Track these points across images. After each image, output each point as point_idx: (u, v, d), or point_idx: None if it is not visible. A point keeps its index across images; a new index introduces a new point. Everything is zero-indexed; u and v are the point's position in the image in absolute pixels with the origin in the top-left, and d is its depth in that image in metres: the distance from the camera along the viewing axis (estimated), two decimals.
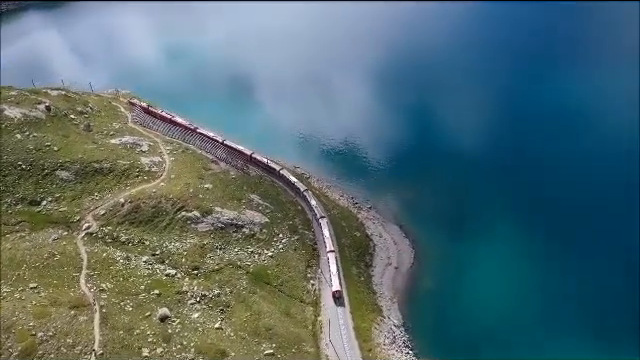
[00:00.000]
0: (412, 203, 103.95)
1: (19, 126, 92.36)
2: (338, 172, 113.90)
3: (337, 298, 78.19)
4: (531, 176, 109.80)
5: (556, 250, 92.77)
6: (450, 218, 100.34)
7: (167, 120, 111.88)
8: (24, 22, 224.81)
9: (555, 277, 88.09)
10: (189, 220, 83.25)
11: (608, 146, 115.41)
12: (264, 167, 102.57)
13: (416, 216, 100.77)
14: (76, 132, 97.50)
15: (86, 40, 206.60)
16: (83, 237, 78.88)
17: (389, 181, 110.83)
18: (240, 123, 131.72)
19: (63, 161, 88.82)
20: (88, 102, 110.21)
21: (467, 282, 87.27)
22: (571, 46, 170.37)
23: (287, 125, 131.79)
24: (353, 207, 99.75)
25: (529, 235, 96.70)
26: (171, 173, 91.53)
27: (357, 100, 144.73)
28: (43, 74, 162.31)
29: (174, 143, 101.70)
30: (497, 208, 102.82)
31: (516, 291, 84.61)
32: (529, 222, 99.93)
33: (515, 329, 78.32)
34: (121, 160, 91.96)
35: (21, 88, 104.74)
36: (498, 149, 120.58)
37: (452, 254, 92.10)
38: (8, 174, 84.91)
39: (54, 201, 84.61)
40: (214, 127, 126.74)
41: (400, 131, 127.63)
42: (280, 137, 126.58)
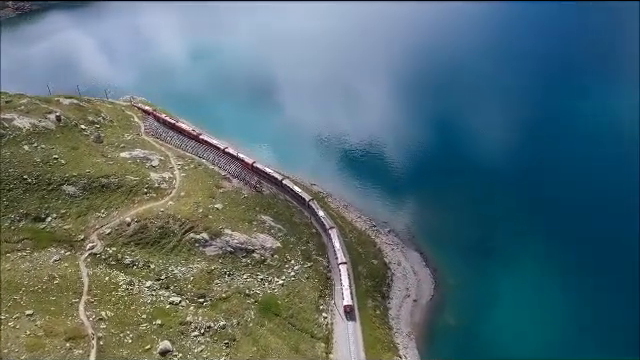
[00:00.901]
0: (434, 226, 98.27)
1: (27, 137, 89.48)
2: (356, 190, 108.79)
3: (348, 312, 75.44)
4: (565, 200, 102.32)
5: (591, 282, 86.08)
6: (475, 244, 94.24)
7: (178, 129, 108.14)
8: (47, 22, 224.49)
9: (590, 312, 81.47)
10: (197, 243, 79.06)
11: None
12: (265, 176, 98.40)
13: (438, 241, 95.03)
14: (86, 144, 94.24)
15: (108, 41, 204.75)
16: (86, 258, 75.35)
17: (410, 201, 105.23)
18: (258, 132, 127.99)
19: (70, 175, 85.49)
20: (101, 111, 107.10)
21: (492, 318, 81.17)
22: (609, 53, 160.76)
23: (307, 135, 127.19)
24: (371, 230, 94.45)
25: (562, 266, 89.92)
26: (181, 190, 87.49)
27: (379, 108, 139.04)
28: (62, 76, 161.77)
29: (186, 157, 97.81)
30: (526, 233, 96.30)
31: (547, 329, 78.08)
32: (562, 250, 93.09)
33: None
34: (130, 175, 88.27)
35: (32, 96, 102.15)
36: (528, 168, 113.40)
37: (476, 285, 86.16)
38: (13, 188, 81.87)
39: (59, 218, 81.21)
40: (229, 135, 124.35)
41: (423, 145, 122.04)
42: (299, 149, 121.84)
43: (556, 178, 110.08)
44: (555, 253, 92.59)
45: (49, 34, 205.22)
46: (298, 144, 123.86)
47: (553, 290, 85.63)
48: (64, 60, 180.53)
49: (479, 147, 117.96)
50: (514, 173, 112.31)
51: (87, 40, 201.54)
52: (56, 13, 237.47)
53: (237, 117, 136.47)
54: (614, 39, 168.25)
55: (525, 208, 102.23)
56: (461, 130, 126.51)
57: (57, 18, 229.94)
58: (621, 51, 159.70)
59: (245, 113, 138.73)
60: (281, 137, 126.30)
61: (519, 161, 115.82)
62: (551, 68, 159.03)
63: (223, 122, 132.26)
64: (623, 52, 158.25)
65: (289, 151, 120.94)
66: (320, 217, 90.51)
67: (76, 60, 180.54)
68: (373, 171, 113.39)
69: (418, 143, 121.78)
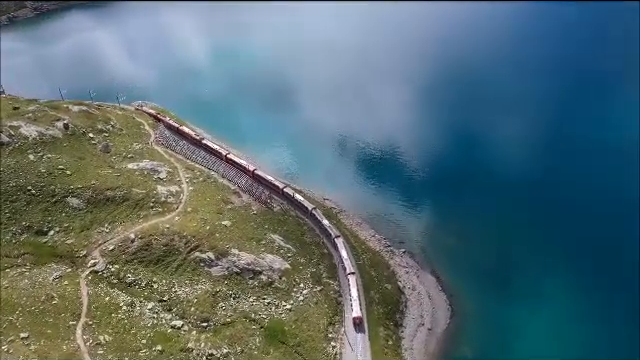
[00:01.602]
0: (451, 248, 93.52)
1: (34, 146, 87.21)
2: (371, 206, 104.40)
3: (357, 325, 73.22)
4: (594, 223, 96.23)
5: (616, 310, 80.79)
6: (494, 268, 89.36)
7: (189, 138, 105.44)
8: (64, 23, 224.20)
9: (612, 340, 76.28)
10: (202, 262, 75.66)
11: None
12: (267, 184, 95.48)
13: (455, 264, 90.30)
14: (92, 154, 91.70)
15: (124, 42, 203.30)
16: (87, 275, 72.39)
17: (427, 220, 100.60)
18: (272, 141, 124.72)
19: (75, 187, 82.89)
20: (110, 119, 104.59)
21: (511, 349, 76.37)
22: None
23: (321, 146, 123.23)
24: (385, 251, 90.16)
25: (585, 292, 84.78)
26: (188, 205, 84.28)
27: (396, 118, 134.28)
28: (76, 78, 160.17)
29: (195, 169, 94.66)
30: (548, 257, 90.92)
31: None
32: (585, 275, 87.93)
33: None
34: (136, 188, 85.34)
35: (41, 102, 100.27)
36: (555, 188, 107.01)
37: (495, 313, 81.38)
38: (17, 199, 79.57)
39: (62, 231, 78.61)
40: (242, 143, 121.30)
41: (441, 160, 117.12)
42: (313, 160, 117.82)
43: (579, 196, 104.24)
44: (578, 278, 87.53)
45: (66, 35, 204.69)
46: (312, 155, 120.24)
47: (575, 319, 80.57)
48: (79, 61, 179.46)
49: (498, 162, 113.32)
50: (535, 191, 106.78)
51: (103, 41, 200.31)
52: (74, 13, 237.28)
53: (252, 124, 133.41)
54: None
55: (547, 229, 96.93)
56: (480, 144, 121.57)
57: (75, 18, 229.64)
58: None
59: (260, 120, 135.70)
60: (295, 147, 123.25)
61: (541, 178, 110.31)
62: (576, 73, 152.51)
63: (237, 129, 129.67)
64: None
65: (303, 162, 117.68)
66: (325, 226, 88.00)
67: (91, 62, 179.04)
68: (389, 187, 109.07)
69: (436, 158, 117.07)
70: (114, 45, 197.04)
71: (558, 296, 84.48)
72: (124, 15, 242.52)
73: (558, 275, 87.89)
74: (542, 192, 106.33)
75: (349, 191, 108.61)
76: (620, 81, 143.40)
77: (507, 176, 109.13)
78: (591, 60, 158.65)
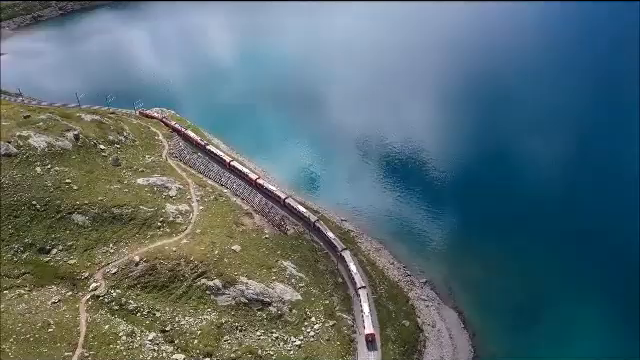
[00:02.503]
0: (476, 280, 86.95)
1: (42, 157, 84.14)
2: (391, 227, 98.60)
3: (370, 342, 69.84)
4: (633, 255, 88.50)
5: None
6: (522, 304, 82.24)
7: (201, 147, 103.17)
8: (89, 23, 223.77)
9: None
10: (209, 290, 71.25)
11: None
12: (267, 194, 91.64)
13: (480, 298, 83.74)
14: (102, 167, 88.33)
15: (148, 44, 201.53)
16: (87, 300, 68.70)
17: (451, 246, 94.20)
18: (291, 156, 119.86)
19: (81, 203, 79.45)
20: (124, 129, 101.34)
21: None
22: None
23: (341, 163, 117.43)
24: (404, 281, 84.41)
25: (626, 335, 77.50)
26: (197, 227, 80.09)
27: (425, 130, 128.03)
28: (95, 81, 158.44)
29: (207, 187, 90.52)
30: (586, 294, 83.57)
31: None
32: (625, 315, 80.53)
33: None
34: (144, 206, 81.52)
35: (55, 108, 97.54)
36: (591, 215, 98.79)
37: (522, 356, 74.89)
38: (20, 214, 76.50)
39: (65, 250, 75.27)
40: (258, 156, 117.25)
41: (472, 180, 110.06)
42: (332, 178, 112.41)
43: (617, 224, 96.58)
44: (614, 316, 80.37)
45: (88, 35, 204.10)
46: (332, 169, 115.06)
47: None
48: (100, 63, 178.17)
49: (530, 184, 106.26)
50: (570, 217, 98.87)
51: (126, 43, 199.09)
52: (99, 13, 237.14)
53: (271, 133, 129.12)
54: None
55: (581, 260, 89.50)
56: (511, 162, 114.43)
57: (99, 19, 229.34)
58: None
59: (280, 129, 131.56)
60: (315, 160, 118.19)
61: (576, 203, 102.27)
62: (620, 84, 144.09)
63: (255, 139, 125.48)
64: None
65: (322, 177, 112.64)
66: (330, 239, 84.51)
67: (113, 64, 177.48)
68: (411, 207, 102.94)
69: (463, 177, 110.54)
70: (136, 47, 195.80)
71: (593, 337, 77.72)
72: (149, 15, 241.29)
73: (592, 313, 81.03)
74: (577, 219, 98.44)
75: (369, 210, 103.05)
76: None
77: (539, 200, 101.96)
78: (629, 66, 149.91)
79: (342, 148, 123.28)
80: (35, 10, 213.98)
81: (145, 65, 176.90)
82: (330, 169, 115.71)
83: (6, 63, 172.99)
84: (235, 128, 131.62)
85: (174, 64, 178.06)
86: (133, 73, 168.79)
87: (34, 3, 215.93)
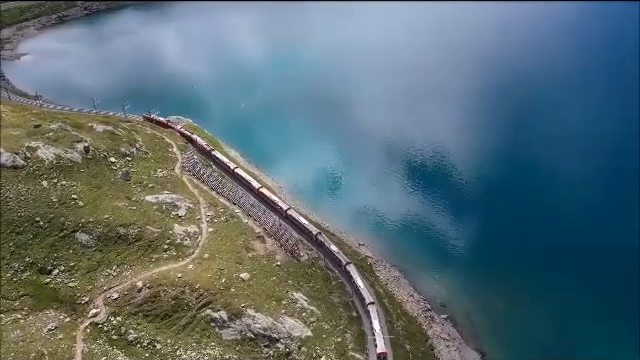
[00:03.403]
0: (502, 318, 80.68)
1: (49, 170, 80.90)
2: (412, 254, 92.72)
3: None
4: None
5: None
6: (552, 350, 75.73)
7: (213, 158, 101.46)
8: (113, 24, 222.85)
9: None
10: (213, 322, 66.83)
11: None
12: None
13: (505, 340, 77.58)
14: (111, 181, 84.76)
15: (172, 47, 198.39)
16: (86, 328, 65.01)
17: (475, 278, 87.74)
18: (311, 167, 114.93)
19: (86, 221, 75.90)
20: (136, 140, 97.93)
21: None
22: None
23: (362, 181, 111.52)
24: (423, 316, 78.75)
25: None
26: (205, 251, 75.82)
27: (452, 145, 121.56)
28: (117, 84, 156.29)
29: (218, 206, 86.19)
30: (624, 343, 76.49)
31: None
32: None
33: None
34: (151, 226, 77.60)
35: (67, 117, 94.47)
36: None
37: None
38: (23, 231, 73.25)
39: (66, 271, 71.71)
40: (275, 170, 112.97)
41: (499, 204, 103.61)
42: (351, 197, 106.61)
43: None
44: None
45: (112, 37, 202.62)
46: (353, 187, 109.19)
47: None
48: (122, 66, 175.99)
49: (564, 209, 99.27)
50: (609, 252, 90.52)
51: (149, 45, 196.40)
52: (124, 13, 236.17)
53: (290, 145, 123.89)
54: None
55: (619, 305, 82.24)
56: (544, 183, 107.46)
57: (124, 19, 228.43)
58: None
59: (303, 142, 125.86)
60: (334, 177, 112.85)
61: (619, 236, 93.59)
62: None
63: (272, 151, 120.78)
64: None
65: (341, 195, 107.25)
66: (334, 253, 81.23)
67: (134, 67, 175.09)
68: (434, 233, 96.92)
69: (491, 202, 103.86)
70: (159, 49, 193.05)
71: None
72: (174, 16, 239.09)
73: None
74: (619, 253, 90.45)
75: (389, 233, 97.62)
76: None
77: (576, 228, 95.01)
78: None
79: (366, 162, 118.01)
80: (61, 10, 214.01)
81: (167, 69, 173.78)
82: (352, 185, 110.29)
83: (28, 63, 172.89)
84: (254, 138, 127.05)
85: (196, 68, 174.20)
86: (154, 77, 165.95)
87: (60, 3, 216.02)
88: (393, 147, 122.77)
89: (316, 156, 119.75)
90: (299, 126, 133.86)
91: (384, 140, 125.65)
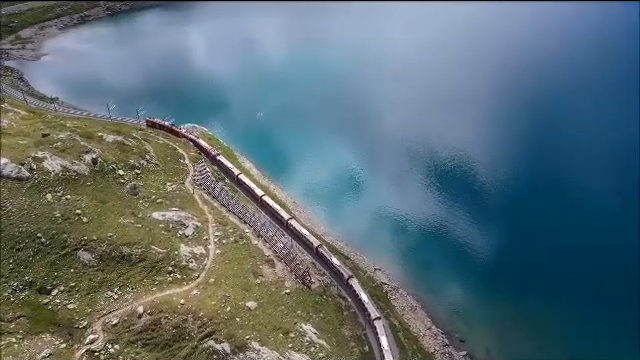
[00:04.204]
0: (525, 355, 75.21)
1: (54, 183, 77.94)
2: (431, 281, 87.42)
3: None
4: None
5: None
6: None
7: (217, 163, 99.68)
8: (135, 24, 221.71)
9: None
10: (215, 354, 62.66)
11: None
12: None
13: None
14: (118, 196, 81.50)
15: (193, 50, 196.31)
16: (82, 355, 61.54)
17: (498, 310, 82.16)
18: (329, 182, 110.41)
19: (89, 239, 72.61)
20: (147, 151, 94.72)
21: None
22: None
23: (382, 198, 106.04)
24: (441, 352, 73.66)
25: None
26: (211, 275, 71.90)
27: (480, 164, 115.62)
28: (134, 87, 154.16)
29: (228, 225, 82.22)
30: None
31: None
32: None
33: None
34: (156, 246, 74.02)
35: (77, 126, 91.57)
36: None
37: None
38: (24, 248, 70.24)
39: (66, 292, 68.45)
40: (294, 183, 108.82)
41: (533, 226, 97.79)
42: (370, 215, 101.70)
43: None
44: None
45: (134, 38, 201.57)
46: (372, 206, 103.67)
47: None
48: (142, 68, 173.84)
49: (599, 236, 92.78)
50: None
51: (170, 48, 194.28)
52: (147, 14, 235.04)
53: (310, 158, 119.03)
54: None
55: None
56: (583, 206, 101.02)
57: (146, 20, 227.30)
58: None
59: (320, 154, 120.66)
60: (354, 194, 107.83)
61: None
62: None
63: (292, 164, 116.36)
64: None
65: (360, 213, 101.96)
66: (334, 265, 78.22)
67: (153, 70, 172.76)
68: (455, 259, 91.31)
69: (520, 227, 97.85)
70: (181, 52, 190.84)
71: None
72: (197, 18, 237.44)
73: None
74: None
75: (406, 257, 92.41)
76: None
77: (612, 249, 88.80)
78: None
79: (389, 178, 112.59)
80: (83, 10, 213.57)
81: (186, 72, 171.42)
82: (371, 202, 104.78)
83: (48, 64, 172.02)
84: (271, 149, 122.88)
85: (218, 72, 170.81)
86: (172, 81, 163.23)
87: (82, 3, 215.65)
88: (418, 161, 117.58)
89: (334, 169, 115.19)
90: (319, 136, 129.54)
91: (408, 153, 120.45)
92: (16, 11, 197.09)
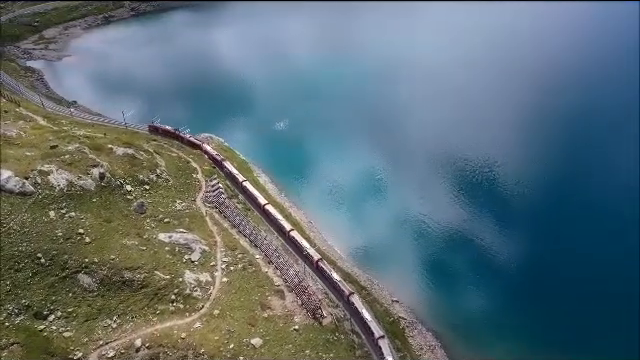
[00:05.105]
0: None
1: (58, 199, 74.69)
2: (452, 318, 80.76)
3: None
4: None
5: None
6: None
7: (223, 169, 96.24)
8: (159, 26, 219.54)
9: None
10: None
11: None
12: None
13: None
14: (123, 214, 77.83)
15: (217, 52, 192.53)
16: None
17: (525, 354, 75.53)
18: (350, 200, 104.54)
19: (90, 261, 69.01)
20: (158, 164, 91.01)
21: None
22: None
23: (404, 222, 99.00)
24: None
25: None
26: (215, 306, 67.56)
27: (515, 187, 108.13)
28: (154, 94, 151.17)
29: (237, 250, 77.79)
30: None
31: None
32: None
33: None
34: (160, 271, 70.05)
35: (83, 141, 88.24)
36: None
37: None
38: (22, 268, 66.89)
39: (63, 318, 64.86)
40: (312, 200, 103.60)
41: (569, 260, 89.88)
42: (394, 236, 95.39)
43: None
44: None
45: (157, 40, 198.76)
46: (393, 234, 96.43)
47: None
48: (163, 72, 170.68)
49: None
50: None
51: (194, 51, 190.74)
52: (172, 15, 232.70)
53: (329, 176, 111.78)
54: None
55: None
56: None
57: (171, 21, 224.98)
58: None
59: (342, 172, 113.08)
60: (375, 217, 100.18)
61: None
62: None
63: (310, 181, 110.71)
64: None
65: (378, 241, 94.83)
66: (336, 282, 73.79)
67: (175, 74, 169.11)
68: (484, 292, 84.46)
69: (554, 261, 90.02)
70: (205, 55, 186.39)
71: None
72: (224, 19, 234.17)
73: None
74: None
75: (427, 289, 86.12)
76: None
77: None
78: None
79: (417, 200, 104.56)
80: (107, 10, 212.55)
81: (209, 77, 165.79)
82: (394, 226, 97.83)
83: (70, 66, 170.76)
84: (291, 163, 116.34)
85: (242, 77, 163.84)
86: (193, 87, 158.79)
87: (107, 3, 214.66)
88: (447, 183, 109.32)
89: (354, 186, 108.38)
90: (341, 148, 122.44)
91: (437, 173, 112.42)
92: (41, 10, 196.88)
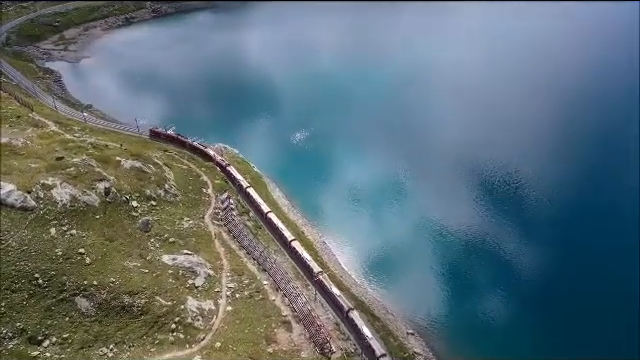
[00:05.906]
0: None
1: (60, 215, 71.52)
2: (473, 354, 75.65)
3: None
4: None
5: None
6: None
7: (228, 174, 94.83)
8: (178, 27, 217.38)
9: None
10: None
11: None
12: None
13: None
14: (127, 233, 74.36)
15: (236, 57, 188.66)
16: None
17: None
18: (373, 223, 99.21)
19: (89, 283, 65.69)
20: (167, 179, 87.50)
21: None
22: None
23: (423, 244, 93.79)
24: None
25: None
26: (218, 337, 63.54)
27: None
28: (170, 100, 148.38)
29: (244, 275, 73.73)
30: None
31: None
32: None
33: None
34: (161, 297, 66.35)
35: (91, 152, 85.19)
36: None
37: None
38: (19, 289, 63.79)
39: (58, 344, 61.55)
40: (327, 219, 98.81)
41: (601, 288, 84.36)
42: (412, 262, 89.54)
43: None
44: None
45: (177, 42, 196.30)
46: (410, 258, 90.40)
47: None
48: (182, 77, 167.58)
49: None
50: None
51: (214, 54, 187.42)
52: (194, 17, 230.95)
53: (347, 194, 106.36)
54: None
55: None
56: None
57: (192, 23, 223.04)
58: None
59: (362, 187, 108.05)
60: (393, 240, 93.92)
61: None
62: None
63: (326, 199, 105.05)
64: None
65: (396, 267, 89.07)
66: (335, 296, 71.09)
67: (194, 79, 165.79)
68: (506, 326, 78.90)
69: (591, 284, 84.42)
70: (225, 60, 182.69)
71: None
72: (245, 21, 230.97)
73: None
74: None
75: (445, 320, 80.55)
76: None
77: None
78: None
79: (440, 223, 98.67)
80: (128, 11, 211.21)
81: (228, 83, 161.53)
82: (413, 254, 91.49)
83: (88, 67, 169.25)
84: (307, 178, 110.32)
85: (263, 83, 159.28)
86: (211, 93, 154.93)
87: (128, 3, 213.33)
88: (473, 207, 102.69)
89: (377, 206, 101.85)
90: (365, 166, 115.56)
91: (464, 197, 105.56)
92: (62, 10, 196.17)
